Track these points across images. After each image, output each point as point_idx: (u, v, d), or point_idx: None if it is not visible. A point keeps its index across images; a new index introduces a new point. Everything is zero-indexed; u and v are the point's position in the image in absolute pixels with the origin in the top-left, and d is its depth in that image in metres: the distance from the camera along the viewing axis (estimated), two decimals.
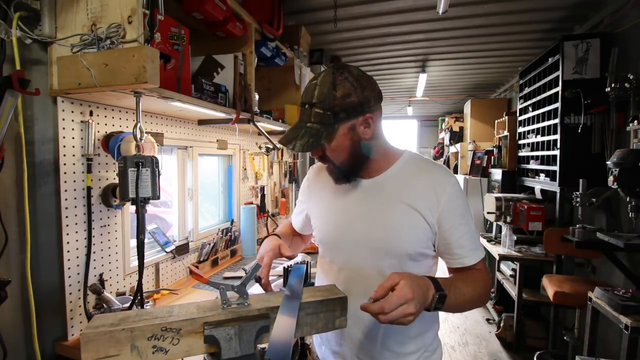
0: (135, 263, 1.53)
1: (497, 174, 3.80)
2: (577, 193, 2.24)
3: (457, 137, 5.71)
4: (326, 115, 0.84)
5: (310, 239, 1.23)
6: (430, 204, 0.88)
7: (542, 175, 2.96)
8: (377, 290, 0.69)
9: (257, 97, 1.98)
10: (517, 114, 3.62)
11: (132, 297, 1.31)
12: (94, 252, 1.36)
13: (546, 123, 2.85)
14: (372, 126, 0.88)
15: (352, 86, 0.83)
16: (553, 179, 2.68)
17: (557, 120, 2.64)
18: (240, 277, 1.76)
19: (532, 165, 3.14)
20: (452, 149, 5.73)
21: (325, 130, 0.85)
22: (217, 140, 2.32)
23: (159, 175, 1.22)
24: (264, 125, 2.13)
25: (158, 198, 1.22)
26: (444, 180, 0.91)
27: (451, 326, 3.39)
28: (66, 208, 1.25)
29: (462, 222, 0.89)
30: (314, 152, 0.89)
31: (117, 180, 1.32)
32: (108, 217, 1.44)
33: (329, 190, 1.01)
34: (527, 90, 3.34)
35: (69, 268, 1.27)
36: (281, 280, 1.89)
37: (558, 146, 2.60)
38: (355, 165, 0.92)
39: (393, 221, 0.89)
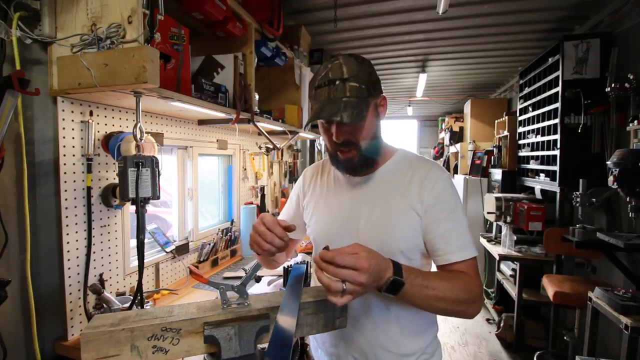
0: (135, 263, 1.53)
1: (497, 174, 3.80)
2: (577, 193, 2.23)
3: (457, 137, 5.71)
4: (362, 89, 0.86)
5: (296, 245, 1.21)
6: (420, 197, 0.89)
7: (542, 175, 2.95)
8: (334, 251, 0.69)
9: (257, 97, 1.98)
10: (517, 114, 3.62)
11: (132, 297, 1.31)
12: (94, 252, 1.36)
13: (546, 123, 2.85)
14: (385, 106, 0.94)
15: (370, 66, 0.90)
16: (553, 179, 2.68)
17: (557, 120, 2.63)
18: (240, 277, 1.76)
19: (532, 165, 3.14)
20: (452, 149, 5.72)
21: (363, 104, 0.85)
22: (217, 140, 2.32)
23: (159, 175, 1.22)
24: (264, 125, 2.13)
25: (158, 198, 1.22)
26: (434, 175, 0.91)
27: (451, 326, 3.39)
28: (66, 208, 1.26)
29: (450, 217, 0.88)
30: (343, 134, 0.88)
31: (117, 180, 1.33)
32: (108, 217, 1.44)
33: (324, 189, 1.02)
34: (527, 90, 3.34)
35: (69, 268, 1.27)
36: (281, 280, 1.89)
37: (558, 146, 2.59)
38: (376, 149, 0.93)
39: (386, 217, 0.89)
